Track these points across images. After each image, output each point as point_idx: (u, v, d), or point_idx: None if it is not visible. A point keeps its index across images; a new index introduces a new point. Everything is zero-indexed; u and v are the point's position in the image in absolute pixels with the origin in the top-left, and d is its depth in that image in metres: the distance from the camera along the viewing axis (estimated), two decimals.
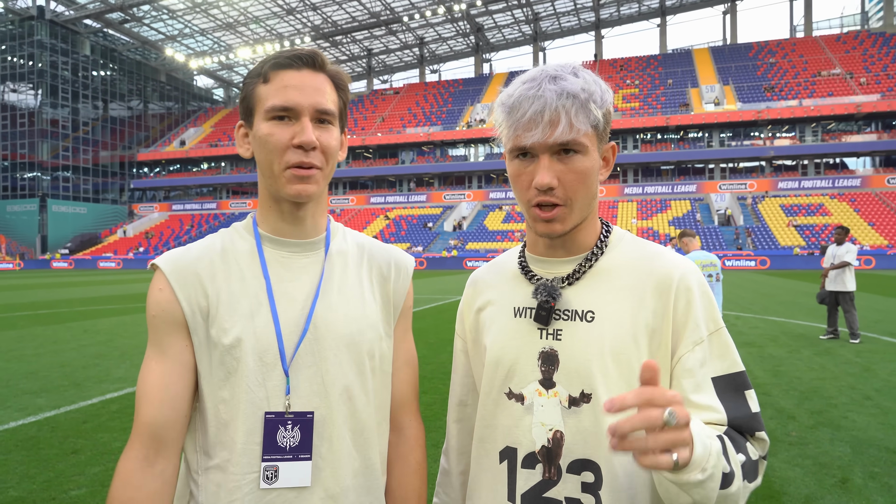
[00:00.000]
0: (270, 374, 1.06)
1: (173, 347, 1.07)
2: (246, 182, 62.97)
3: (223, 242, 1.15)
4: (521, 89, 1.00)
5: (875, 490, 3.69)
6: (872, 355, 8.06)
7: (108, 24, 59.93)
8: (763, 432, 0.99)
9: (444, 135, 56.30)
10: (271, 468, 1.04)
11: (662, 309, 1.03)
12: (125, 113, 66.38)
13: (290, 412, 1.06)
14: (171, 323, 1.07)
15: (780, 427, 4.98)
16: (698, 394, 0.99)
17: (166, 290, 1.07)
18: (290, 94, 1.05)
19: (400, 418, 1.25)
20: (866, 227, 39.21)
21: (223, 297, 1.08)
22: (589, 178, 1.02)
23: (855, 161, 49.51)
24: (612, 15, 67.82)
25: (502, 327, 1.14)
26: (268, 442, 1.05)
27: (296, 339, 1.09)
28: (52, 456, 4.32)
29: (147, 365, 1.07)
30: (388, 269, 1.23)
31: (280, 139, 1.05)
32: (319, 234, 1.18)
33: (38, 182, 57.34)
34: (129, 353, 8.48)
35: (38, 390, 6.32)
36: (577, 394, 1.03)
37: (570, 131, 0.97)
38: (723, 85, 53.63)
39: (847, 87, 49.14)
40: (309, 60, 1.09)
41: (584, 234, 1.10)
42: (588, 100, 0.98)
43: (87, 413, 5.46)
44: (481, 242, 45.70)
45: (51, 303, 16.96)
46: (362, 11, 62.06)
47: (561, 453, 1.03)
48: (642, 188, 50.31)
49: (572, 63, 1.05)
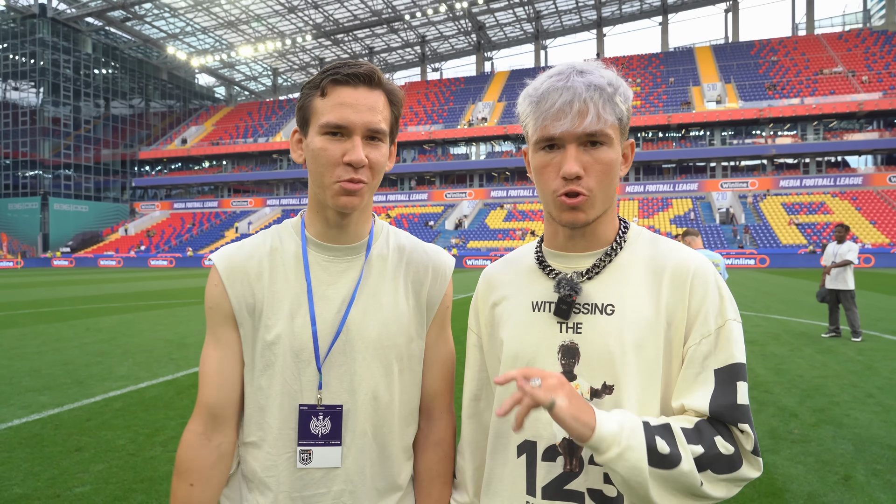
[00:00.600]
0: (305, 370, 1.17)
1: (226, 337, 1.20)
2: (247, 180, 63.02)
3: (272, 242, 1.24)
4: (549, 82, 1.03)
5: (878, 487, 3.69)
6: (874, 353, 8.06)
7: (109, 22, 59.96)
8: (747, 425, 0.98)
9: (446, 133, 56.28)
10: (306, 451, 1.17)
11: (678, 302, 1.05)
12: (127, 111, 66.43)
13: (322, 405, 1.17)
14: (223, 315, 1.20)
15: (782, 425, 4.98)
16: (694, 386, 1.01)
17: (220, 286, 1.20)
18: (344, 113, 1.11)
19: (431, 410, 1.32)
20: (868, 225, 39.17)
21: (268, 297, 1.19)
22: (613, 171, 1.05)
23: (857, 159, 49.44)
24: (614, 13, 67.72)
25: (520, 321, 1.15)
26: (302, 429, 1.17)
27: (329, 339, 1.18)
28: (56, 453, 4.33)
29: (206, 350, 1.22)
30: (424, 273, 1.28)
31: (332, 155, 1.12)
32: (361, 240, 1.25)
33: (39, 180, 57.42)
34: (132, 352, 8.50)
35: (42, 388, 6.34)
36: (598, 385, 1.05)
37: (598, 122, 1.00)
38: (724, 83, 53.55)
39: (849, 86, 49.05)
40: (366, 78, 1.14)
41: (604, 227, 1.12)
42: (614, 93, 1.03)
43: (91, 411, 5.47)
44: (482, 241, 45.70)
45: (53, 301, 16.98)
46: (364, 9, 62.02)
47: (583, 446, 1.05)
48: (644, 186, 50.29)
49: (596, 62, 1.08)
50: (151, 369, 7.30)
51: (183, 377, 6.88)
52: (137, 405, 5.65)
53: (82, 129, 60.67)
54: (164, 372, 7.15)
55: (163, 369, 7.30)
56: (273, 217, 56.53)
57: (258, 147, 60.56)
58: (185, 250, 50.50)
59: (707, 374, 1.01)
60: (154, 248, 52.79)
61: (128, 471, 3.98)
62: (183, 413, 5.35)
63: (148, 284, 24.70)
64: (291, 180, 61.47)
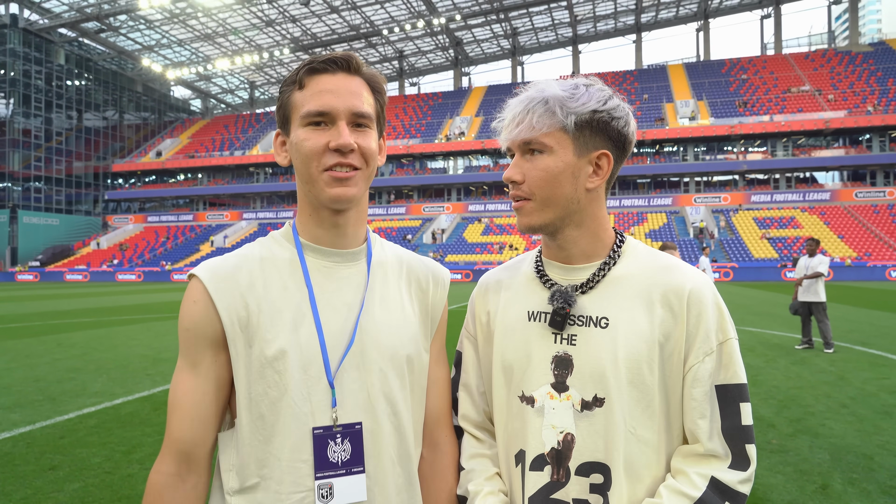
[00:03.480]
0: (315, 388, 1.03)
1: (205, 363, 1.04)
2: (223, 194, 62.31)
3: (261, 251, 1.11)
4: (514, 99, 1.12)
5: (854, 495, 3.77)
6: (846, 364, 8.24)
7: (83, 33, 59.06)
8: (752, 445, 1.02)
9: (424, 147, 56.44)
10: (325, 485, 1.01)
11: (674, 319, 1.06)
12: (100, 123, 65.33)
13: (339, 425, 1.03)
14: (204, 337, 1.04)
15: (760, 435, 5.06)
16: (703, 406, 1.03)
17: (201, 301, 1.04)
18: (325, 99, 1.04)
19: (436, 434, 1.21)
20: (836, 239, 40.12)
21: (264, 308, 1.04)
22: (555, 178, 1.07)
23: (824, 175, 50.74)
24: (589, 31, 68.88)
25: (515, 330, 1.16)
26: (319, 458, 1.01)
27: (341, 350, 1.06)
28: (29, 472, 4.21)
29: (178, 377, 1.05)
30: (426, 281, 1.22)
31: (316, 143, 1.04)
32: (361, 244, 1.16)
33: (8, 193, 56.02)
34: (106, 367, 8.31)
35: (12, 405, 6.16)
36: (589, 398, 1.06)
37: (529, 131, 1.06)
38: (697, 100, 54.69)
39: (816, 104, 50.47)
40: (344, 64, 1.07)
41: (589, 240, 1.13)
42: (558, 104, 1.05)
43: (64, 428, 5.33)
44: (460, 255, 45.74)
45: (21, 316, 16.53)
46: (342, 24, 62.15)
47: (571, 455, 1.05)
48: (619, 201, 50.93)
49: (577, 80, 1.10)
50: (126, 385, 7.14)
51: (160, 392, 6.74)
52: (113, 422, 5.52)
53: (54, 140, 59.46)
54: (139, 388, 7.00)
55: (138, 385, 7.15)
56: (249, 231, 55.94)
57: (234, 160, 60.01)
58: (161, 264, 49.65)
59: (713, 392, 1.03)
60: (127, 261, 51.77)
61: (104, 489, 3.88)
62: (160, 430, 5.23)
63: (120, 299, 24.20)
64: (268, 194, 60.97)
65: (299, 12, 58.77)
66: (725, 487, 0.98)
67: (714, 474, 0.99)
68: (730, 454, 1.01)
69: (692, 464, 1.02)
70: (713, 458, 1.01)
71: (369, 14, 60.32)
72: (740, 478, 0.99)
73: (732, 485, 0.99)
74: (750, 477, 1.00)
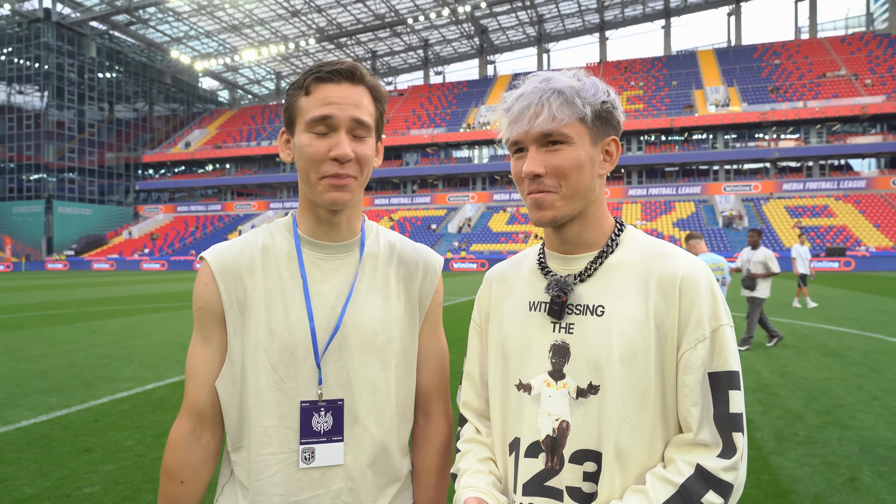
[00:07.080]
0: (301, 367, 1.17)
1: (214, 337, 1.20)
2: (251, 184, 63.09)
3: (264, 240, 1.24)
4: (517, 93, 1.10)
5: (883, 489, 3.70)
6: (879, 356, 8.05)
7: (113, 26, 60.15)
8: (739, 433, 1.01)
9: (449, 136, 56.31)
10: (308, 450, 1.16)
11: (667, 305, 1.06)
12: (130, 115, 66.59)
13: (323, 401, 1.17)
14: (212, 314, 1.19)
15: (787, 426, 4.99)
16: (696, 394, 1.03)
17: (210, 284, 1.19)
18: (328, 108, 1.13)
19: (429, 405, 1.34)
20: (871, 228, 39.07)
21: (260, 293, 1.18)
22: (579, 168, 1.07)
23: (860, 163, 49.34)
24: (617, 17, 67.76)
25: (516, 320, 1.18)
26: (304, 427, 1.16)
27: (327, 336, 1.18)
28: (65, 454, 4.36)
29: (193, 349, 1.21)
30: (415, 269, 1.31)
31: (318, 151, 1.13)
32: (354, 237, 1.26)
33: (43, 183, 57.57)
34: (138, 354, 8.54)
35: (49, 390, 6.38)
36: (585, 385, 1.07)
37: (551, 122, 1.04)
38: (727, 86, 53.51)
39: (852, 89, 48.99)
40: (348, 74, 1.16)
41: (592, 229, 1.14)
42: (574, 95, 1.05)
43: (98, 412, 5.50)
44: (485, 244, 45.70)
45: (57, 303, 17.04)
46: (367, 13, 62.16)
47: (565, 443, 1.07)
48: (647, 190, 50.24)
49: (576, 71, 1.11)
50: (158, 371, 7.33)
51: None
52: (145, 406, 5.68)
53: (86, 132, 60.83)
54: (169, 374, 7.18)
55: (169, 371, 7.33)
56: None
57: (261, 150, 60.64)
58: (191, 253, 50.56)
59: (705, 380, 1.03)
60: (157, 251, 52.88)
61: (136, 471, 4.01)
62: None
63: (149, 287, 24.76)
64: (295, 183, 61.49)
65: (325, 2, 58.95)
66: (709, 475, 0.98)
67: (700, 461, 0.99)
68: (720, 443, 1.00)
69: (682, 452, 1.03)
70: (702, 447, 1.01)
71: (394, 3, 60.20)
72: (724, 465, 0.98)
73: (716, 472, 0.98)
74: (735, 465, 0.99)
